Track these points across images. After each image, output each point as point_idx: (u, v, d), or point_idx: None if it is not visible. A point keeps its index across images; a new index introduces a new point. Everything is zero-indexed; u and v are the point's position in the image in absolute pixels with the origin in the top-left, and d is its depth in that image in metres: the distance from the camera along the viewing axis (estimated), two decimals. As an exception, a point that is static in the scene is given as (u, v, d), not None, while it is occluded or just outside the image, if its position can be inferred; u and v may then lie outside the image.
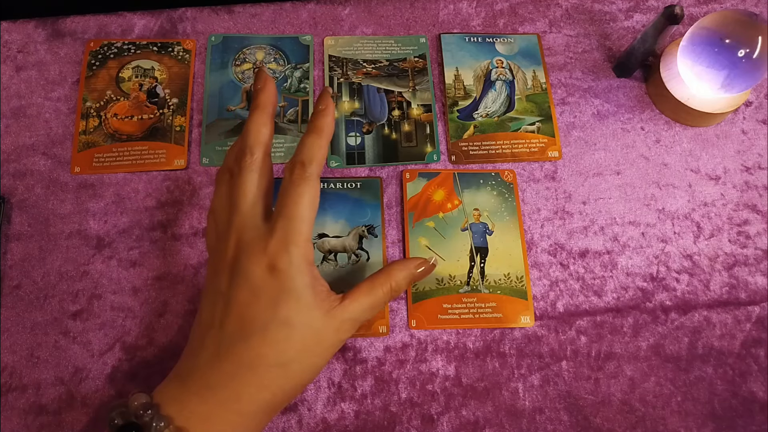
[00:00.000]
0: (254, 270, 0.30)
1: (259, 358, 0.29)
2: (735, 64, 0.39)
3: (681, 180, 0.44)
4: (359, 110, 0.45)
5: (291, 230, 0.30)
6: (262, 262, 0.30)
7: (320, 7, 0.48)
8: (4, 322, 0.38)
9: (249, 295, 0.30)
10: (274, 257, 0.29)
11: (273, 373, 0.29)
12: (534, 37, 0.48)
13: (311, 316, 0.30)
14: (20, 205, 0.41)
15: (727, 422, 0.38)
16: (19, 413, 0.36)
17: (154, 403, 0.28)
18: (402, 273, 0.34)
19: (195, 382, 0.29)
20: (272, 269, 0.29)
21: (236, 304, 0.30)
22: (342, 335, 0.31)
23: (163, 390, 0.30)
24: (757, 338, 0.40)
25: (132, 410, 0.28)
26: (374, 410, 0.37)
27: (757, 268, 0.41)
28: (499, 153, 0.44)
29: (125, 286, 0.39)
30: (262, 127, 0.32)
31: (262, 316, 0.29)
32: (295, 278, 0.30)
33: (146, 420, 0.28)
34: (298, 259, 0.30)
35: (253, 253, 0.30)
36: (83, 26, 0.47)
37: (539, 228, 0.42)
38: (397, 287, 0.34)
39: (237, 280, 0.30)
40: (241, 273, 0.30)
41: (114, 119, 0.44)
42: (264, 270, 0.29)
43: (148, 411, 0.28)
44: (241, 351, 0.29)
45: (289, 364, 0.30)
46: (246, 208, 0.31)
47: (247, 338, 0.29)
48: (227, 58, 0.46)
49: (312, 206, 0.31)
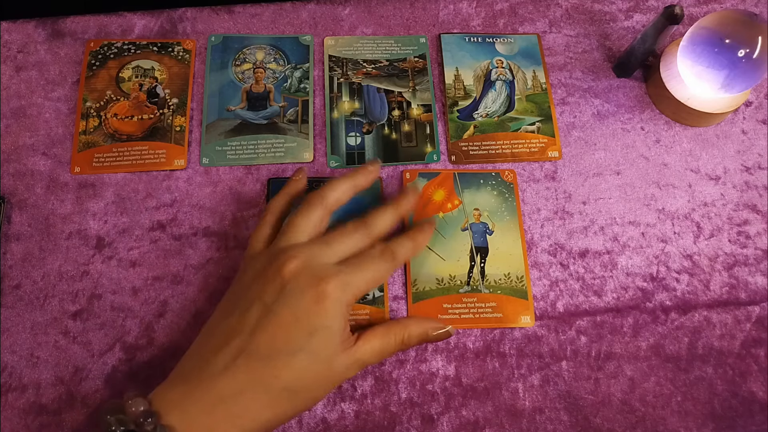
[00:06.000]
0: (307, 294, 0.30)
1: (276, 379, 0.29)
2: (735, 64, 0.39)
3: (681, 180, 0.44)
4: (359, 110, 0.45)
5: (354, 281, 0.32)
6: (318, 290, 0.30)
7: (320, 7, 0.48)
8: (4, 322, 0.38)
9: (291, 316, 0.30)
10: (330, 291, 0.31)
11: (283, 396, 0.30)
12: (534, 37, 0.48)
13: (334, 353, 0.31)
14: (20, 205, 0.41)
15: (727, 422, 0.38)
16: (19, 413, 0.36)
17: (154, 411, 0.28)
18: (417, 330, 0.35)
19: (202, 389, 0.29)
20: (321, 300, 0.30)
21: (276, 320, 0.30)
22: (349, 373, 0.32)
23: (164, 394, 0.29)
24: (757, 338, 0.40)
25: (130, 417, 0.28)
26: (374, 410, 0.37)
27: (757, 268, 0.41)
28: (499, 153, 0.44)
29: (125, 286, 0.39)
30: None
31: (294, 341, 0.30)
32: (337, 317, 0.31)
33: (147, 430, 0.27)
34: (345, 303, 0.31)
35: (314, 279, 0.31)
36: (83, 26, 0.47)
37: (539, 228, 0.42)
38: (408, 341, 0.35)
39: (287, 298, 0.30)
40: (295, 293, 0.30)
41: (114, 119, 0.44)
42: (314, 298, 0.30)
43: (149, 419, 0.27)
44: (261, 368, 0.29)
45: (300, 392, 0.30)
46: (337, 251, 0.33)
47: (273, 358, 0.29)
48: (227, 58, 0.46)
49: (376, 282, 0.34)
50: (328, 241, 0.34)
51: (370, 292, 0.39)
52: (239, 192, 0.42)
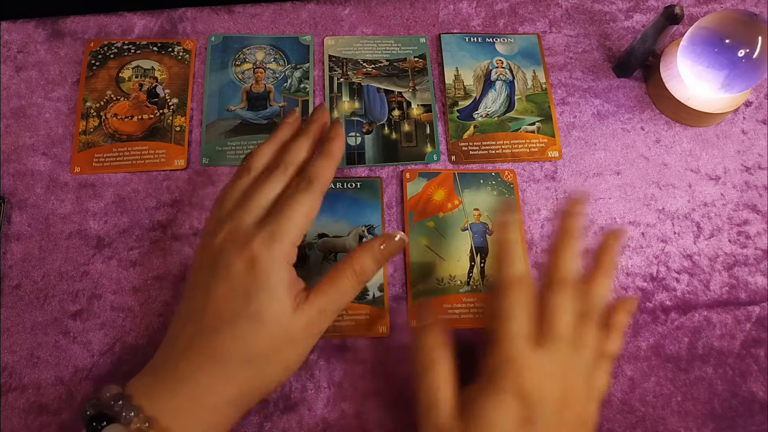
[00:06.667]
0: (235, 263, 0.30)
1: (228, 352, 0.29)
2: (735, 64, 0.39)
3: (681, 180, 0.44)
4: (359, 110, 0.45)
5: (279, 230, 0.30)
6: (244, 256, 0.30)
7: (320, 7, 0.48)
8: (4, 322, 0.38)
9: (227, 287, 0.30)
10: (256, 252, 0.30)
11: (241, 368, 0.29)
12: (534, 37, 0.48)
13: (282, 312, 0.30)
14: (20, 205, 0.41)
15: (727, 422, 0.38)
16: (19, 413, 0.36)
17: (126, 395, 0.29)
18: (365, 254, 0.33)
19: (166, 374, 0.30)
20: (252, 264, 0.30)
21: (214, 297, 0.30)
22: (313, 329, 0.31)
23: (136, 382, 0.30)
24: (757, 338, 0.40)
25: (103, 401, 0.28)
26: (374, 410, 0.37)
27: (757, 268, 0.41)
28: (499, 153, 0.44)
29: (125, 286, 0.39)
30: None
31: (234, 310, 0.29)
32: (271, 274, 0.30)
33: (116, 410, 0.28)
34: (278, 257, 0.30)
35: (238, 246, 0.30)
36: (83, 26, 0.47)
37: (539, 228, 0.42)
38: (361, 270, 0.32)
39: (219, 273, 0.30)
40: (223, 265, 0.30)
41: (114, 119, 0.44)
42: (244, 264, 0.30)
43: (119, 402, 0.28)
44: (212, 344, 0.29)
45: (257, 360, 0.30)
46: (254, 208, 0.31)
47: (219, 331, 0.29)
48: (227, 58, 0.46)
49: (307, 217, 0.31)
50: (246, 200, 0.32)
51: (370, 292, 0.39)
52: (239, 192, 0.42)
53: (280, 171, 0.33)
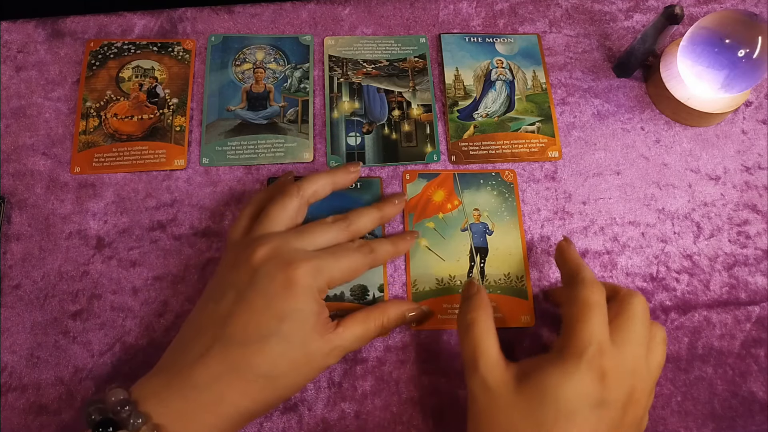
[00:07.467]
0: (277, 280, 0.30)
1: (250, 366, 0.29)
2: (735, 64, 0.39)
3: (681, 180, 0.44)
4: (359, 110, 0.45)
5: (327, 268, 0.32)
6: (287, 275, 0.31)
7: (320, 7, 0.48)
8: (4, 322, 0.38)
9: (262, 302, 0.30)
10: (299, 276, 0.31)
11: (259, 383, 0.30)
12: (534, 37, 0.48)
13: (310, 338, 0.31)
14: (20, 205, 0.41)
15: (727, 422, 0.38)
16: (19, 413, 0.36)
17: (132, 400, 0.28)
18: (395, 313, 0.35)
19: (179, 378, 0.29)
20: (290, 285, 0.30)
21: (247, 306, 0.30)
22: (330, 360, 0.32)
23: (144, 384, 0.30)
24: (757, 338, 0.40)
25: (109, 406, 0.28)
26: (374, 410, 0.37)
27: (757, 268, 0.41)
28: (499, 153, 0.44)
29: (125, 286, 0.39)
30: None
31: (265, 326, 0.30)
32: (308, 301, 0.31)
33: (123, 416, 0.27)
34: (316, 288, 0.31)
35: (283, 265, 0.31)
36: (83, 26, 0.47)
37: (539, 228, 0.42)
38: (387, 325, 0.35)
39: (257, 284, 0.31)
40: (266, 279, 0.31)
41: (114, 119, 0.44)
42: (283, 283, 0.30)
43: (126, 407, 0.28)
44: (234, 355, 0.29)
45: (277, 378, 0.30)
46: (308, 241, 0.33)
47: (246, 344, 0.30)
48: (227, 58, 0.46)
49: (353, 273, 0.34)
50: (303, 231, 0.34)
51: (370, 292, 0.39)
52: (239, 192, 0.42)
53: (345, 227, 0.35)
